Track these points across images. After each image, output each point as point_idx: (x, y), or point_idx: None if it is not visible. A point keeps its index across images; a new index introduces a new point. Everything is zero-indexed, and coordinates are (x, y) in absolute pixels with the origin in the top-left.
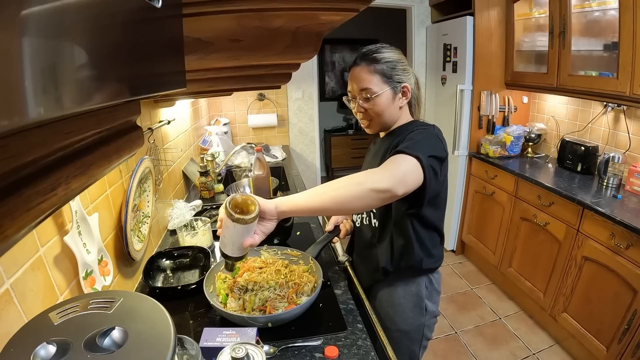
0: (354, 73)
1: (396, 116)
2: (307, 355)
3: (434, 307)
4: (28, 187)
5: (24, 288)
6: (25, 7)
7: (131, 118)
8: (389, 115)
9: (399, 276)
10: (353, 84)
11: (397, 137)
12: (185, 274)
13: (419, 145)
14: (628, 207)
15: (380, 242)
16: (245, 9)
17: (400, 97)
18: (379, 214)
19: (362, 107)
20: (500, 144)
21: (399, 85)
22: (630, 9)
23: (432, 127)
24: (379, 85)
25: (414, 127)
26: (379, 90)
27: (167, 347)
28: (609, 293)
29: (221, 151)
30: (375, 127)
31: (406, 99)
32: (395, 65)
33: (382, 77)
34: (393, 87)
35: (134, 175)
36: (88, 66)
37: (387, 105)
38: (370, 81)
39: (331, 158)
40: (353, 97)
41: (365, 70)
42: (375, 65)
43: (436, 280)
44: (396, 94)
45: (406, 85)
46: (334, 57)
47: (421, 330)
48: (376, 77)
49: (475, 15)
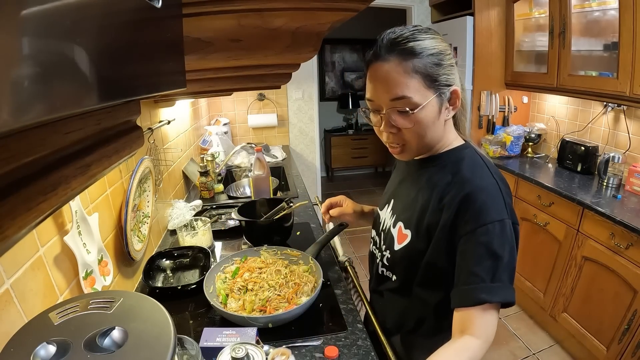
0: (377, 71)
1: (440, 135)
2: (307, 355)
3: None
4: (28, 187)
5: (24, 288)
6: (25, 7)
7: (131, 118)
8: (432, 135)
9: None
10: (378, 89)
11: (446, 170)
12: (185, 274)
13: (500, 272)
14: (628, 207)
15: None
16: (245, 9)
17: (447, 106)
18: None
19: (394, 126)
20: (500, 144)
21: (447, 89)
22: (630, 8)
23: (490, 179)
24: (421, 92)
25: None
26: (422, 100)
27: (167, 347)
28: (609, 293)
29: (221, 151)
30: (411, 153)
31: (454, 108)
32: (442, 60)
33: (425, 79)
34: (440, 94)
35: (134, 175)
36: (88, 66)
37: (433, 122)
38: (409, 86)
39: (331, 158)
40: (377, 108)
41: (399, 69)
42: (414, 61)
43: None
44: (443, 102)
45: (456, 89)
46: (334, 57)
47: None
48: (417, 80)
49: (475, 15)
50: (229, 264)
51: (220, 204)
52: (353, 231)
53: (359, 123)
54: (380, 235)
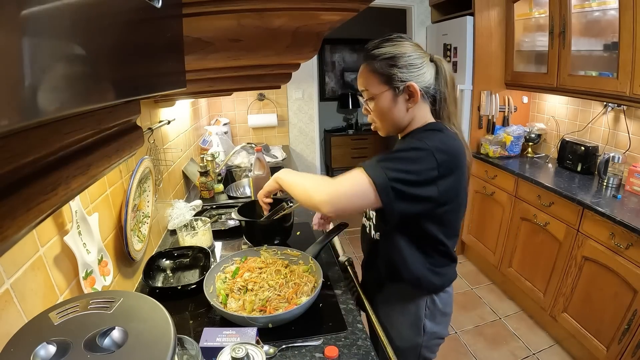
0: (359, 72)
1: (405, 119)
2: (307, 355)
3: (436, 329)
4: (28, 187)
5: (24, 288)
6: (25, 7)
7: (131, 118)
8: (393, 118)
9: (396, 292)
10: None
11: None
12: (185, 274)
13: (389, 163)
14: (628, 207)
15: (378, 254)
16: (245, 9)
17: (406, 98)
18: (377, 225)
19: (366, 109)
20: (500, 144)
21: (402, 84)
22: (630, 9)
23: (438, 136)
24: (376, 85)
25: (419, 134)
26: (376, 92)
27: (167, 347)
28: (609, 293)
29: (221, 151)
30: (383, 130)
31: (415, 100)
32: (396, 62)
33: (380, 76)
34: (393, 88)
35: (134, 175)
36: (88, 66)
37: (388, 109)
38: (368, 82)
39: (331, 158)
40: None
41: (365, 69)
42: (374, 63)
43: (442, 300)
44: (398, 95)
45: (411, 84)
46: (334, 57)
47: (417, 350)
48: (374, 77)
49: (475, 15)
50: (229, 264)
51: (220, 204)
52: (353, 231)
53: (359, 123)
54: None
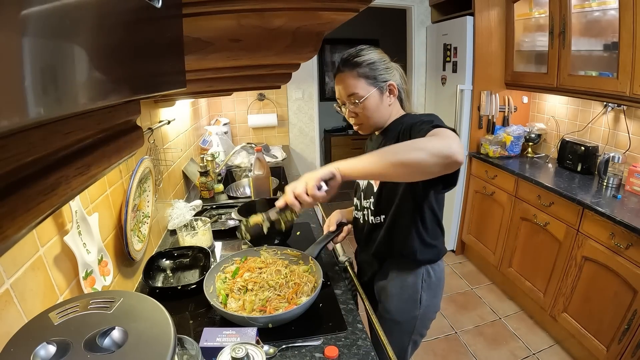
0: (339, 80)
1: (387, 114)
2: (307, 355)
3: (432, 301)
4: (28, 187)
5: (24, 288)
6: (25, 7)
7: (131, 118)
8: (380, 115)
9: (395, 266)
10: (340, 90)
11: (393, 131)
12: (185, 274)
13: (443, 122)
14: (628, 207)
15: (378, 231)
16: (245, 9)
17: (388, 95)
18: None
19: (352, 112)
20: (500, 144)
21: (385, 84)
22: (630, 9)
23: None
24: (364, 88)
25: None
26: (365, 93)
27: (167, 347)
28: (609, 293)
29: (221, 151)
30: (367, 129)
31: (394, 96)
32: (377, 66)
33: (366, 79)
34: (379, 87)
35: (134, 175)
36: (88, 66)
37: (377, 106)
38: (356, 86)
39: (331, 158)
40: (342, 103)
41: (350, 76)
42: (358, 69)
43: (436, 273)
44: (383, 93)
45: (391, 82)
46: (334, 57)
47: (413, 323)
48: (361, 81)
49: (475, 15)
50: (229, 264)
51: (220, 204)
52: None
53: None
54: (361, 196)
